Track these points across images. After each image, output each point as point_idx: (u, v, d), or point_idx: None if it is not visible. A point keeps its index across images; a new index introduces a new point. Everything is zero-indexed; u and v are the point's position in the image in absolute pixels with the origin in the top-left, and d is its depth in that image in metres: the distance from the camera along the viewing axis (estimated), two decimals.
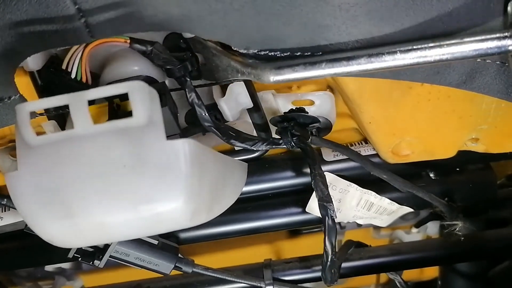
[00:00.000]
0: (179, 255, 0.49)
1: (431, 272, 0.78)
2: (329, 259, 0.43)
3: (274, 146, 0.45)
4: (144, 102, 0.29)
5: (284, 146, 0.45)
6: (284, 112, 0.47)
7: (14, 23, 0.31)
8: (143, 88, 0.29)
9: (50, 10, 0.31)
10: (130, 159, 0.30)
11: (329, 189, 0.45)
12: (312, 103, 0.47)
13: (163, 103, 0.36)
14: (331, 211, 0.42)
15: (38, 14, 0.31)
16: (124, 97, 0.37)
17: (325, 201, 0.42)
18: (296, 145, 0.45)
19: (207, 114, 0.39)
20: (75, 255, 0.44)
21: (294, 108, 0.47)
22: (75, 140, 0.30)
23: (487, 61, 0.36)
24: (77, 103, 0.29)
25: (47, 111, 0.39)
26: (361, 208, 0.50)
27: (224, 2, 0.31)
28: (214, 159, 0.36)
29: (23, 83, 0.40)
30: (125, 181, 0.29)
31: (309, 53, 0.34)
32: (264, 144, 0.44)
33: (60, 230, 0.31)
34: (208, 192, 0.34)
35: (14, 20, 0.31)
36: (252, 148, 0.43)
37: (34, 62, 0.38)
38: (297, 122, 0.46)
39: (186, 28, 0.34)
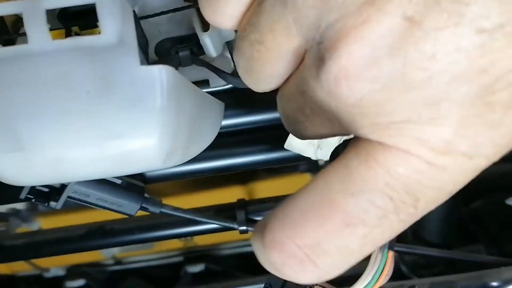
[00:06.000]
0: (145, 194, 0.44)
1: None
2: None
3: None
4: (115, 17, 0.24)
5: None
6: None
7: None
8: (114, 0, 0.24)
9: None
10: (96, 85, 0.25)
11: None
12: None
13: None
14: None
15: None
16: (87, 24, 0.32)
17: None
18: None
19: None
20: (27, 195, 0.39)
21: None
22: (28, 58, 0.24)
23: None
24: (32, 12, 0.24)
25: None
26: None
27: None
28: (193, 93, 0.31)
29: None
30: (88, 111, 0.25)
31: None
32: None
33: (8, 165, 0.26)
34: (185, 130, 0.29)
35: None
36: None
37: None
38: None
39: None
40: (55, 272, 0.79)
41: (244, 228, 0.48)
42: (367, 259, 0.25)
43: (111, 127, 0.25)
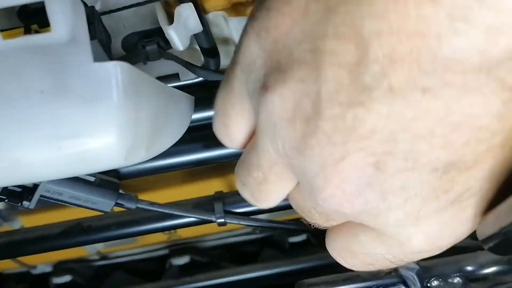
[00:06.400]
0: (120, 191, 0.44)
1: None
2: None
3: None
4: (65, 13, 0.24)
5: None
6: None
7: None
8: None
9: None
10: (49, 84, 0.24)
11: None
12: None
13: (92, 35, 0.30)
14: None
15: None
16: (46, 21, 0.31)
17: None
18: None
19: None
20: (0, 196, 0.39)
21: None
22: None
23: None
24: None
25: None
26: None
27: None
28: (154, 88, 0.30)
29: None
30: (43, 111, 0.24)
31: None
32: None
33: None
34: (147, 126, 0.29)
35: None
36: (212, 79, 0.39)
37: None
38: None
39: None
40: (42, 269, 0.79)
41: (222, 220, 0.48)
42: None
43: (67, 127, 0.25)
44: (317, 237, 0.74)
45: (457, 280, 0.42)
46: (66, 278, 0.76)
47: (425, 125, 0.17)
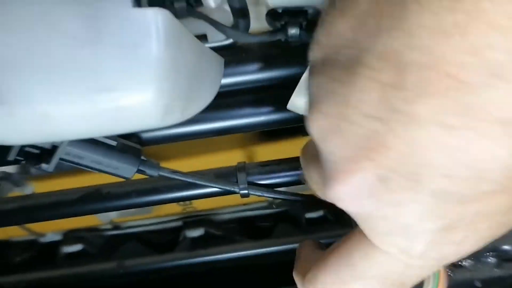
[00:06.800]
0: (142, 157, 0.42)
1: None
2: None
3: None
4: None
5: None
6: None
7: None
8: None
9: None
10: (83, 29, 0.22)
11: None
12: None
13: None
14: None
15: None
16: None
17: None
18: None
19: None
20: (17, 157, 0.37)
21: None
22: (9, 1, 0.22)
23: None
24: None
25: None
26: None
27: None
28: (191, 43, 0.28)
29: None
30: (75, 59, 0.22)
31: None
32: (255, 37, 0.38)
33: None
34: (184, 83, 0.27)
35: None
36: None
37: None
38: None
39: None
40: (51, 237, 0.77)
41: (246, 191, 0.46)
42: None
43: (101, 78, 0.22)
44: (335, 213, 0.73)
45: (490, 259, 0.40)
46: (77, 247, 0.75)
47: (436, 155, 0.19)
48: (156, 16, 0.22)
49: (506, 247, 0.40)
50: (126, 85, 0.23)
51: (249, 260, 0.71)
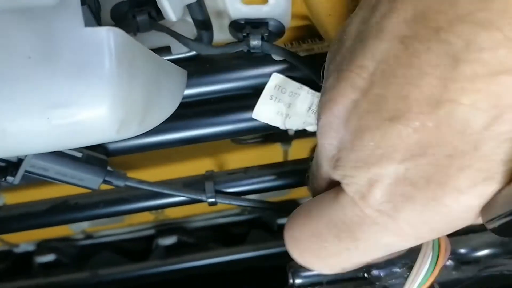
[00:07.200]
0: (109, 168, 0.43)
1: None
2: None
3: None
4: None
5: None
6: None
7: None
8: None
9: None
10: (37, 49, 0.23)
11: (278, 92, 0.40)
12: (265, 1, 0.40)
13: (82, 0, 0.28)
14: None
15: None
16: None
17: None
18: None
19: None
20: None
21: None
22: None
23: None
24: None
25: None
26: (312, 114, 0.45)
27: None
28: (147, 58, 0.29)
29: None
30: (30, 77, 0.23)
31: None
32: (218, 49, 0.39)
33: None
34: (140, 97, 0.28)
35: None
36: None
37: None
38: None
39: None
40: (24, 247, 0.77)
41: (213, 200, 0.47)
42: None
43: (56, 95, 0.23)
44: None
45: (448, 262, 0.42)
46: (50, 257, 0.74)
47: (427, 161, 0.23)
48: (108, 35, 0.23)
49: (462, 250, 0.41)
50: (80, 102, 0.23)
51: (223, 267, 0.71)
